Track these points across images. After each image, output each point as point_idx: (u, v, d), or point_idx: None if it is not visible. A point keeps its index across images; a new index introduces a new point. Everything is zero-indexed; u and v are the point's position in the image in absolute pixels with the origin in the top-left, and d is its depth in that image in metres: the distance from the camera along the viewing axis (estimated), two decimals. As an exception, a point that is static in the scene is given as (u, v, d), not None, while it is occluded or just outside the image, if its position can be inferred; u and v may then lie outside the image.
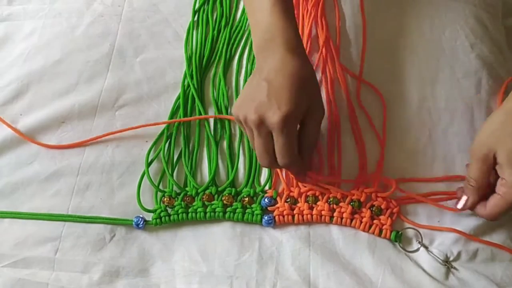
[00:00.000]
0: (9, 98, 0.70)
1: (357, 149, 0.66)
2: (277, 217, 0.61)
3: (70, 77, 0.72)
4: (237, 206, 0.62)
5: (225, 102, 0.70)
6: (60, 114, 0.69)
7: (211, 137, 0.68)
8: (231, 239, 0.61)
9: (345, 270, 0.58)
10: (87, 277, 0.58)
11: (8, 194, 0.64)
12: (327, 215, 0.61)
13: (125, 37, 0.76)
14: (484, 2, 0.78)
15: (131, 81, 0.72)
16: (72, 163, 0.65)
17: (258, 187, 0.64)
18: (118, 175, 0.65)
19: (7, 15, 0.79)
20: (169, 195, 0.63)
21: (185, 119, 0.68)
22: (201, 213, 0.62)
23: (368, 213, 0.61)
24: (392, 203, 0.62)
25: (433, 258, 0.59)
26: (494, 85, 0.70)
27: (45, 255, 0.59)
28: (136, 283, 0.58)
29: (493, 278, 0.58)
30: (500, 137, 0.57)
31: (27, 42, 0.75)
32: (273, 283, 0.58)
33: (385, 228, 0.60)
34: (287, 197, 0.63)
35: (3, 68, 0.73)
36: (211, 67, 0.74)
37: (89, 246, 0.60)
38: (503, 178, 0.56)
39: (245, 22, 0.78)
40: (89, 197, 0.63)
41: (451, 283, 0.58)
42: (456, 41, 0.74)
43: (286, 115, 0.53)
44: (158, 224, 0.62)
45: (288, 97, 0.54)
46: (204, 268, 0.59)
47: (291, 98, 0.54)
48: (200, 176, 0.66)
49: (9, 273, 0.58)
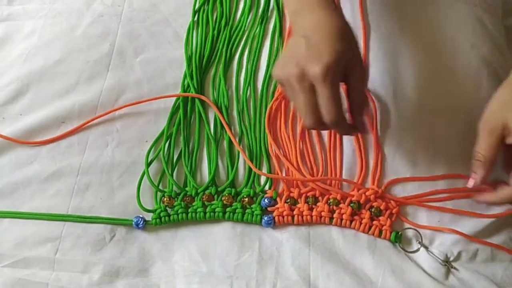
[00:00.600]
0: (9, 98, 0.70)
1: (357, 149, 0.66)
2: (277, 217, 0.61)
3: (70, 77, 0.72)
4: (236, 206, 0.62)
5: (225, 102, 0.70)
6: (60, 114, 0.69)
7: (211, 137, 0.68)
8: (231, 239, 0.61)
9: (345, 270, 0.58)
10: (87, 277, 0.58)
11: (8, 194, 0.64)
12: (327, 216, 0.61)
13: (125, 37, 0.76)
14: (484, 2, 0.78)
15: (131, 81, 0.72)
16: (72, 163, 0.65)
17: (258, 187, 0.64)
18: (118, 175, 0.65)
19: (7, 15, 0.79)
20: (169, 195, 0.63)
21: (190, 94, 0.69)
22: (200, 213, 0.62)
23: (368, 214, 0.61)
24: (391, 204, 0.62)
25: (433, 258, 0.59)
26: (494, 85, 0.70)
27: (45, 255, 0.59)
28: (136, 283, 0.58)
29: (493, 278, 0.58)
30: (508, 108, 0.56)
31: (27, 42, 0.75)
32: (273, 283, 0.58)
33: (384, 229, 0.60)
34: (287, 197, 0.63)
35: (3, 68, 0.73)
36: (211, 67, 0.74)
37: (89, 246, 0.60)
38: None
39: (245, 22, 0.78)
40: (89, 197, 0.63)
41: (451, 283, 0.58)
42: (456, 41, 0.74)
43: (328, 64, 0.52)
44: (158, 224, 0.62)
45: (328, 48, 0.53)
46: (204, 268, 0.59)
47: (331, 48, 0.53)
48: (200, 176, 0.66)
49: (9, 273, 0.58)
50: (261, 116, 0.69)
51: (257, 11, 0.79)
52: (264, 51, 0.75)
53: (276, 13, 0.78)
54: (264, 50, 0.75)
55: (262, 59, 0.75)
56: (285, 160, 0.65)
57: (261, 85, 0.72)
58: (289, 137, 0.67)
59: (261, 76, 0.73)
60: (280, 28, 0.77)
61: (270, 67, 0.73)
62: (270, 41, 0.76)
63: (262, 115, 0.69)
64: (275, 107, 0.69)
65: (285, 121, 0.68)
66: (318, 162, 0.66)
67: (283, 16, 0.78)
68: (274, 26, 0.77)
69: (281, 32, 0.76)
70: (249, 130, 0.68)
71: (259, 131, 0.68)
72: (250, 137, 0.68)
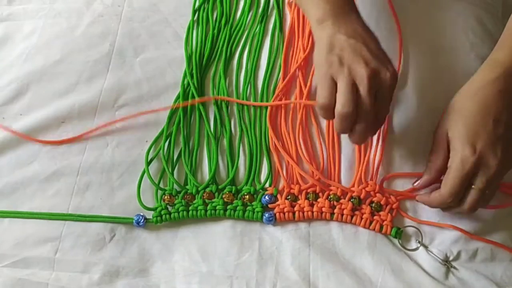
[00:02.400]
0: (9, 98, 0.70)
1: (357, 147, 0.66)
2: (278, 214, 0.62)
3: (70, 77, 0.72)
4: (237, 204, 0.62)
5: (225, 101, 0.70)
6: (60, 114, 0.69)
7: (211, 135, 0.68)
8: (231, 239, 0.61)
9: (345, 270, 0.58)
10: (87, 277, 0.58)
11: (8, 194, 0.64)
12: (327, 212, 0.61)
13: (125, 37, 0.76)
14: (484, 2, 0.78)
15: (131, 81, 0.72)
16: (72, 163, 0.66)
17: (258, 184, 0.64)
18: (118, 175, 0.65)
19: (7, 15, 0.79)
20: (170, 193, 0.63)
21: (195, 101, 0.69)
22: (201, 211, 0.62)
23: (368, 209, 0.61)
24: (391, 199, 0.62)
25: (433, 258, 0.59)
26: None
27: (45, 255, 0.59)
28: (136, 283, 0.59)
29: (493, 278, 0.58)
30: (448, 117, 0.60)
31: (27, 42, 0.75)
32: (273, 283, 0.58)
33: (385, 224, 0.61)
34: (287, 194, 0.63)
35: (3, 68, 0.73)
36: (211, 66, 0.74)
37: (89, 246, 0.60)
38: (452, 149, 0.58)
39: (245, 20, 0.78)
40: (89, 197, 0.63)
41: (451, 283, 0.58)
42: (456, 41, 0.73)
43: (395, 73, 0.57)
44: (158, 222, 0.62)
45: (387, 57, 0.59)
46: (204, 268, 0.59)
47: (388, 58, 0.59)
48: (200, 174, 0.66)
49: (9, 273, 0.58)
50: (261, 114, 0.69)
51: (257, 10, 0.79)
52: (264, 50, 0.75)
53: (276, 12, 0.78)
54: (264, 49, 0.76)
55: (262, 57, 0.75)
56: (285, 153, 0.65)
57: (261, 83, 0.72)
58: (289, 133, 0.67)
59: (261, 75, 0.73)
60: (280, 26, 0.77)
61: (270, 65, 0.73)
62: (270, 39, 0.76)
63: (262, 113, 0.69)
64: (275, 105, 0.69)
65: (285, 118, 0.69)
66: (318, 157, 0.66)
67: (283, 15, 0.78)
68: (274, 24, 0.77)
69: (281, 31, 0.76)
70: (249, 127, 0.68)
71: (259, 128, 0.68)
72: (250, 134, 0.68)
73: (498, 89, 0.58)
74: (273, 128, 0.67)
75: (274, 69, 0.73)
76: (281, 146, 0.66)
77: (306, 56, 0.72)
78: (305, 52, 0.73)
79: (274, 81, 0.72)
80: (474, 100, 0.59)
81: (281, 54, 0.74)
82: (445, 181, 0.57)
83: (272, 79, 0.72)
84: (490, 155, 0.56)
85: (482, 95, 0.59)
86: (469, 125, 0.57)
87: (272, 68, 0.73)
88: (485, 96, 0.58)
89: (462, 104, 0.60)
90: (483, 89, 0.59)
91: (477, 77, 0.61)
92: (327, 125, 0.67)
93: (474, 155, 0.56)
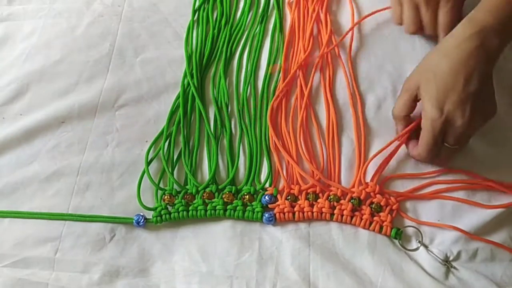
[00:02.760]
0: (9, 98, 0.70)
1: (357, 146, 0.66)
2: (278, 214, 0.62)
3: (70, 77, 0.72)
4: (237, 204, 0.62)
5: (226, 101, 0.70)
6: (60, 114, 0.69)
7: (211, 135, 0.68)
8: (231, 239, 0.61)
9: (345, 270, 0.58)
10: (87, 277, 0.58)
11: (8, 194, 0.64)
12: (327, 212, 0.61)
13: (125, 37, 0.76)
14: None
15: (131, 81, 0.72)
16: (72, 163, 0.65)
17: (258, 184, 0.64)
18: (118, 175, 0.65)
19: (7, 15, 0.79)
20: (170, 193, 0.63)
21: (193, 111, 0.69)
22: (201, 211, 0.62)
23: (368, 210, 0.61)
24: (391, 200, 0.62)
25: (433, 258, 0.59)
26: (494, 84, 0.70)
27: (45, 255, 0.59)
28: (136, 283, 0.58)
29: (493, 278, 0.58)
30: (423, 72, 0.62)
31: (27, 42, 0.75)
32: (273, 283, 0.58)
33: (385, 225, 0.61)
34: (287, 194, 0.63)
35: (3, 68, 0.73)
36: (211, 66, 0.74)
37: (89, 246, 0.60)
38: (423, 110, 0.60)
39: (245, 20, 0.78)
40: (89, 197, 0.63)
41: (451, 283, 0.58)
42: None
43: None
44: (158, 222, 0.62)
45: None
46: (204, 268, 0.59)
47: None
48: (200, 174, 0.66)
49: (9, 273, 0.58)
50: (262, 114, 0.69)
51: (257, 10, 0.79)
52: (264, 50, 0.76)
53: (276, 12, 0.78)
54: (264, 49, 0.76)
55: (262, 58, 0.75)
56: (285, 153, 0.65)
57: (262, 83, 0.72)
58: (289, 133, 0.67)
59: (261, 75, 0.73)
60: (280, 27, 0.77)
61: (270, 66, 0.73)
62: (270, 40, 0.76)
63: (262, 113, 0.69)
64: (276, 105, 0.69)
65: (286, 118, 0.69)
66: (319, 157, 0.66)
67: (283, 15, 0.78)
68: (274, 25, 0.77)
69: (281, 31, 0.76)
70: (249, 128, 0.68)
71: (260, 128, 0.68)
72: (250, 134, 0.68)
73: (474, 45, 0.59)
74: (274, 128, 0.67)
75: (274, 69, 0.73)
76: (282, 145, 0.66)
77: (307, 56, 0.72)
78: (305, 53, 0.73)
79: (274, 82, 0.72)
80: (449, 57, 0.60)
81: (281, 54, 0.74)
82: (421, 140, 0.61)
83: (272, 79, 0.72)
84: (457, 115, 0.58)
85: (457, 53, 0.60)
86: (440, 86, 0.59)
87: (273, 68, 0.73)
88: (460, 54, 0.59)
89: (437, 61, 0.61)
90: (458, 47, 0.60)
91: (454, 32, 0.62)
92: (327, 125, 0.68)
93: (441, 117, 0.59)
